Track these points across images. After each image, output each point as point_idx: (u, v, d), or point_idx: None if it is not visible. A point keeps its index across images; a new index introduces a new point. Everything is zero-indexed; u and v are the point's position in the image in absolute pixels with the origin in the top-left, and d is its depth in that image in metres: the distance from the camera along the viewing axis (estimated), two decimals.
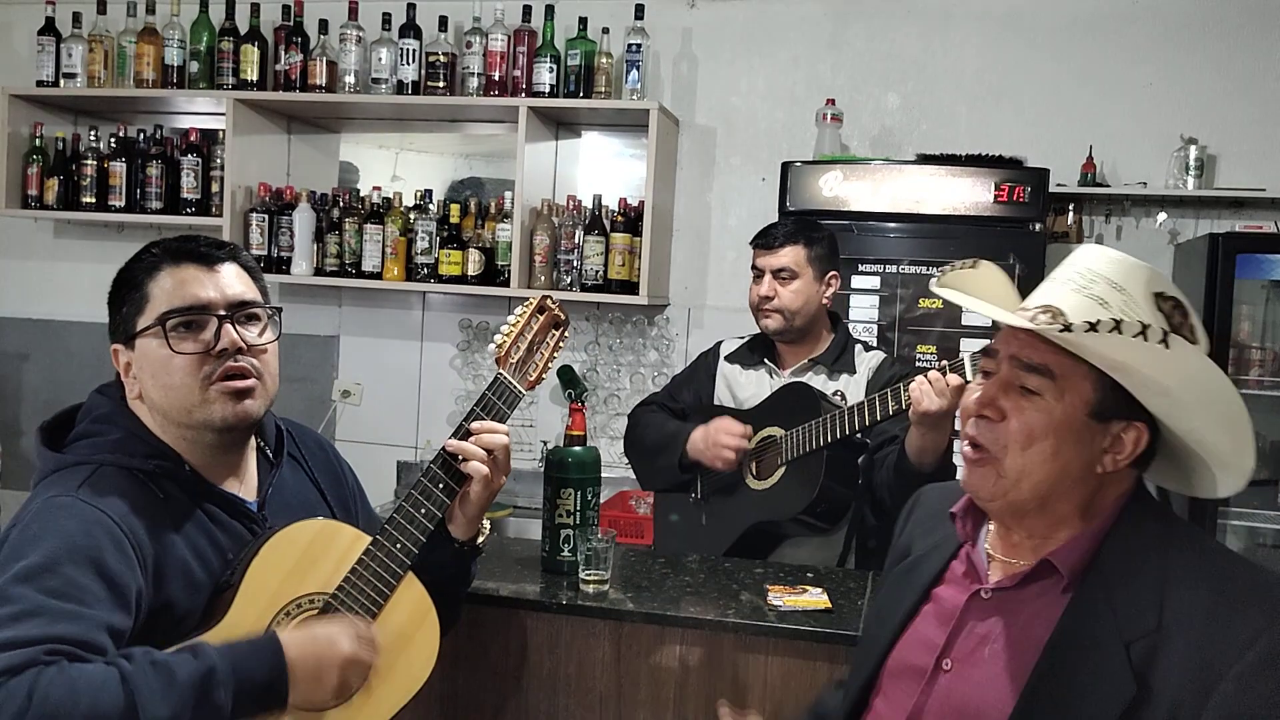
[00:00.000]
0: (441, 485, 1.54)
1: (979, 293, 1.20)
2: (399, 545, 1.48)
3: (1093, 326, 1.04)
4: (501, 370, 1.62)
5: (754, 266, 2.43)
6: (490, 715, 1.89)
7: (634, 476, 2.73)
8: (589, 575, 1.89)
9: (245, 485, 1.51)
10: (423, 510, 1.52)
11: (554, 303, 1.70)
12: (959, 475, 1.24)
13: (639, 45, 3.52)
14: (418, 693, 1.48)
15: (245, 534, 1.45)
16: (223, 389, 1.40)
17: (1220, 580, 1.10)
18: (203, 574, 1.39)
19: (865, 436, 2.26)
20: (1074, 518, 1.17)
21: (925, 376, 1.98)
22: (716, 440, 2.33)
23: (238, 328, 1.42)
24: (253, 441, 1.54)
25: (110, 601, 1.24)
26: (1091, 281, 1.12)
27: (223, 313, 1.41)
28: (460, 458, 1.55)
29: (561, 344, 1.71)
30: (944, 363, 2.01)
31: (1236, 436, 1.12)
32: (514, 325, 1.65)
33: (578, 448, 2.01)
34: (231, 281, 1.44)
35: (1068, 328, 1.07)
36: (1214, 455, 1.14)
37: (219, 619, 1.36)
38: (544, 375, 1.68)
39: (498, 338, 1.63)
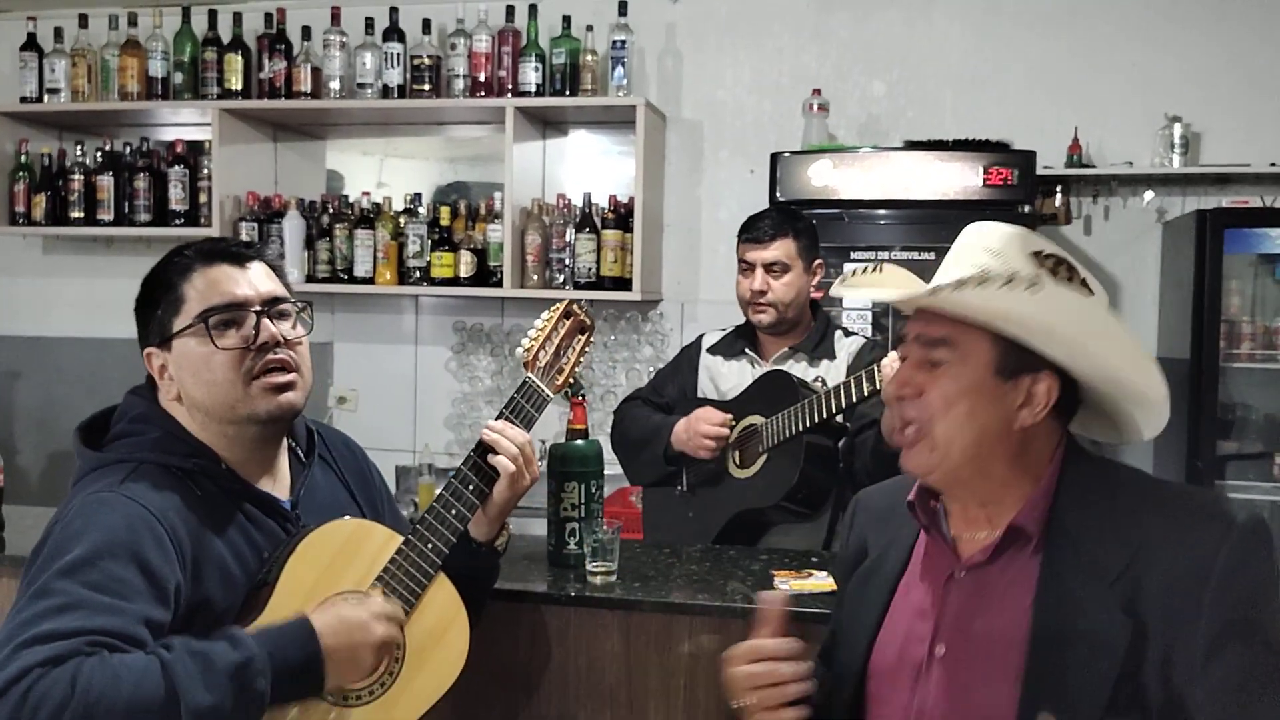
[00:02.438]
0: (471, 487, 1.56)
1: (882, 287, 1.27)
2: (430, 545, 1.50)
3: (961, 284, 1.11)
4: (529, 374, 1.63)
5: (743, 261, 2.41)
6: (501, 708, 1.89)
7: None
8: (596, 567, 1.89)
9: (279, 485, 1.53)
10: (453, 511, 1.54)
11: (580, 307, 1.71)
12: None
13: (623, 42, 3.52)
14: (448, 690, 1.49)
15: (280, 532, 1.47)
16: (265, 384, 1.43)
17: (1171, 507, 1.16)
18: (239, 571, 1.41)
19: (846, 420, 2.26)
20: (1017, 478, 1.21)
21: (896, 353, 1.98)
22: (697, 430, 2.34)
23: (274, 322, 1.44)
24: (285, 442, 1.56)
25: (149, 595, 1.27)
26: (973, 254, 1.20)
27: (259, 308, 1.43)
28: (492, 450, 1.56)
29: (588, 348, 1.72)
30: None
31: (1138, 366, 1.17)
32: (541, 329, 1.65)
33: (580, 441, 2.01)
34: (262, 279, 1.47)
35: (934, 292, 1.14)
36: (1128, 392, 1.19)
37: (256, 615, 1.37)
38: (570, 379, 1.69)
39: (525, 340, 1.64)
